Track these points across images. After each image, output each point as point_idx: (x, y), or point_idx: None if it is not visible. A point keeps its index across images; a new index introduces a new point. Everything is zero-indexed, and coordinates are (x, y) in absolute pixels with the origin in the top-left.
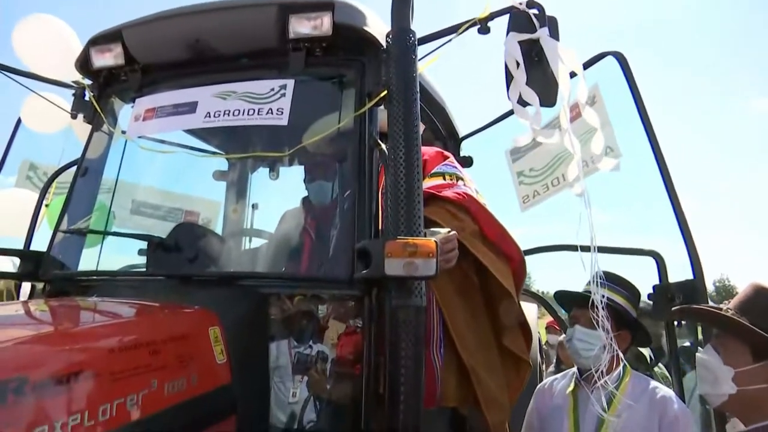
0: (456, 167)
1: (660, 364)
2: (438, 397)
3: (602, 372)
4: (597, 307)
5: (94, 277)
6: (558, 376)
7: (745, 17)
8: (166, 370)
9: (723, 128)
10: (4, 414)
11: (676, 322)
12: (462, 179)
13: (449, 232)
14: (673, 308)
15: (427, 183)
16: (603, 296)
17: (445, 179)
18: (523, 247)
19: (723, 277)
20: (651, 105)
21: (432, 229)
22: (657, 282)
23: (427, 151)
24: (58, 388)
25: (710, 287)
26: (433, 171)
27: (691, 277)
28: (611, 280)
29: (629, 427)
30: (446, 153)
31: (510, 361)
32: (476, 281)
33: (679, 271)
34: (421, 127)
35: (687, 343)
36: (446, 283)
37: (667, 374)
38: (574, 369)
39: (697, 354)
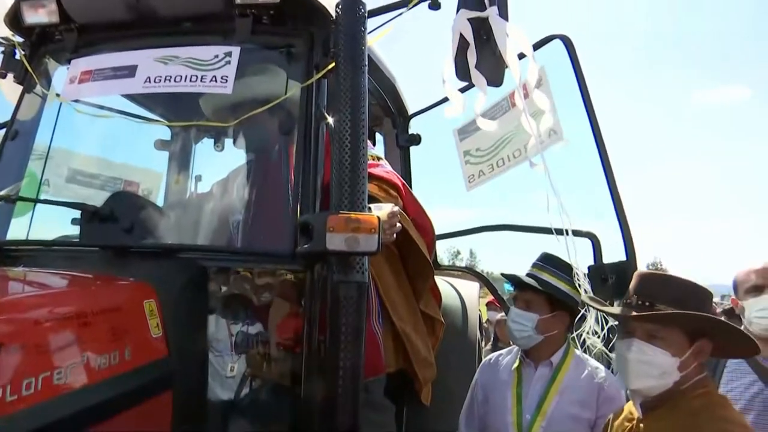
0: (374, 148)
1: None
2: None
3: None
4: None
5: (25, 247)
6: (503, 351)
7: (694, 14)
8: (97, 343)
9: (665, 118)
10: None
11: None
12: (381, 158)
13: (393, 207)
14: (633, 315)
15: None
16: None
17: (370, 159)
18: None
19: (656, 260)
20: (597, 89)
21: (377, 204)
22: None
23: None
24: None
25: (644, 270)
26: None
27: (624, 258)
28: (553, 264)
29: (569, 404)
30: None
31: (427, 322)
32: (396, 251)
33: (617, 255)
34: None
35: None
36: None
37: (604, 348)
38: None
39: (629, 355)
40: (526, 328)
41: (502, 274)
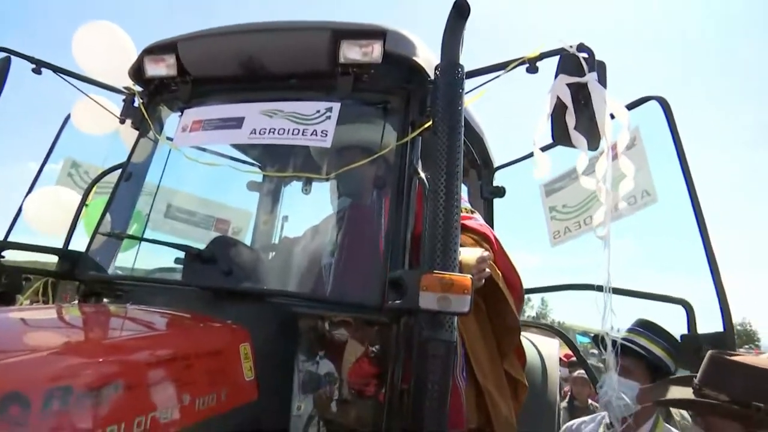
0: (467, 201)
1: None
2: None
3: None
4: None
5: (130, 282)
6: (586, 419)
7: None
8: (198, 385)
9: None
10: (52, 421)
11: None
12: (474, 212)
13: (483, 252)
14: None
15: None
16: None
17: (464, 212)
18: (547, 277)
19: (745, 321)
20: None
21: (468, 248)
22: (685, 330)
23: None
24: (99, 399)
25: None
26: None
27: (720, 328)
28: (650, 329)
29: None
30: None
31: (510, 383)
32: (483, 307)
33: (705, 314)
34: None
35: None
36: None
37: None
38: (604, 413)
39: None
40: (625, 397)
41: (593, 338)
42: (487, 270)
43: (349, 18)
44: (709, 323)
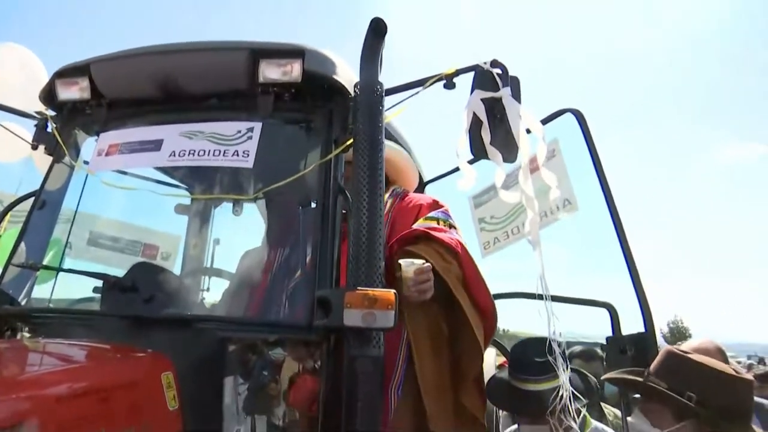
0: (450, 216)
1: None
2: None
3: None
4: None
5: (46, 315)
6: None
7: (718, 66)
8: (115, 419)
9: (690, 174)
10: None
11: None
12: (455, 228)
13: (424, 263)
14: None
15: (421, 224)
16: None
17: (438, 224)
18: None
19: (677, 318)
20: (620, 151)
21: (407, 259)
22: (610, 333)
23: (424, 198)
24: None
25: (665, 328)
26: (427, 215)
27: (642, 329)
28: (530, 370)
29: None
30: (442, 203)
31: (467, 420)
32: (446, 331)
33: (632, 312)
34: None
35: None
36: (420, 324)
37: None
38: None
39: (628, 419)
40: None
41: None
42: (429, 282)
43: None
44: (637, 324)
